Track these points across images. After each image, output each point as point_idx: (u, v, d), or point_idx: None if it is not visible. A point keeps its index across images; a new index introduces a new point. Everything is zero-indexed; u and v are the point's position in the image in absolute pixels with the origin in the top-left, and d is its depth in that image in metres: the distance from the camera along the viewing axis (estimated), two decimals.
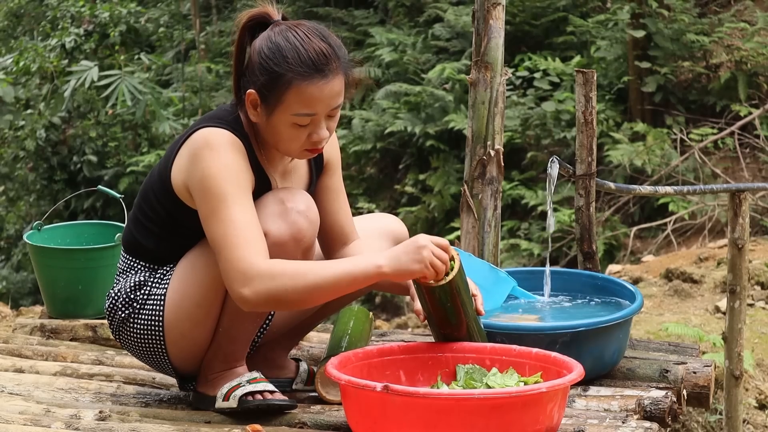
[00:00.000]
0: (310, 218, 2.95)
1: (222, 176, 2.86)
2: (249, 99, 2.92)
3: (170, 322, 3.02)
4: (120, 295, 3.07)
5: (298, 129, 2.91)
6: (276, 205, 2.93)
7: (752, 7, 11.06)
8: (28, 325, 4.05)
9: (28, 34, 14.35)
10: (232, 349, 3.07)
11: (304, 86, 2.86)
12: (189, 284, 2.99)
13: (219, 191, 2.86)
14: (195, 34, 13.64)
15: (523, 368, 2.82)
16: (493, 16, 3.95)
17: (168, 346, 3.05)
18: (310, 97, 2.88)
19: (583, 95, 3.98)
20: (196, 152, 2.90)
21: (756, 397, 5.52)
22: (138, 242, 3.08)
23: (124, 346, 3.15)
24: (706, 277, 7.12)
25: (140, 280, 3.06)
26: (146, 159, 11.77)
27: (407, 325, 7.42)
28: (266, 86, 2.88)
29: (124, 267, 3.13)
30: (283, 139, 2.94)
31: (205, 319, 3.01)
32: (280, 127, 2.92)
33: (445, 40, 11.98)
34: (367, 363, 2.85)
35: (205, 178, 2.87)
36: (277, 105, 2.89)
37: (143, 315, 3.04)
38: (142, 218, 3.07)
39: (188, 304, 3.00)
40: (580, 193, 4.00)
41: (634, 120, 10.40)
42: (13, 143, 12.04)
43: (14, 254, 12.22)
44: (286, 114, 2.89)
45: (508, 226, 10.00)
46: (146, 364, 3.20)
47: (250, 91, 2.91)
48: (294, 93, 2.87)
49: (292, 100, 2.87)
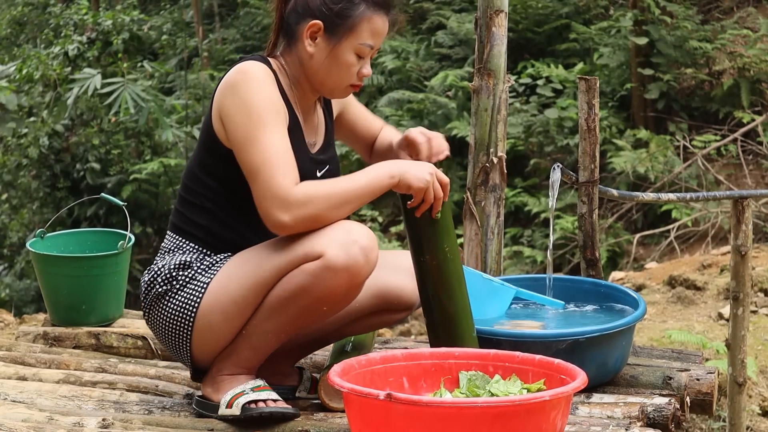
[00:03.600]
0: (369, 258, 2.94)
1: (260, 101, 2.96)
2: (310, 30, 3.05)
3: (203, 311, 3.02)
4: (162, 271, 3.08)
5: (356, 61, 3.07)
6: (341, 232, 2.93)
7: (755, 14, 11.06)
8: (31, 332, 4.04)
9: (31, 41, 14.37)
10: (247, 355, 3.07)
11: (375, 17, 3.05)
12: (233, 280, 3.00)
13: (257, 116, 2.95)
14: (198, 41, 13.65)
15: (526, 375, 2.81)
16: (495, 24, 3.96)
17: (194, 334, 3.05)
18: (375, 29, 3.06)
19: (585, 102, 3.98)
20: (232, 82, 3.00)
21: (759, 404, 5.52)
22: (189, 221, 3.10)
23: (149, 322, 3.14)
24: (709, 284, 7.12)
25: (187, 261, 3.07)
26: (149, 166, 11.77)
27: (410, 333, 7.42)
28: (339, 14, 3.03)
29: (170, 246, 3.13)
30: (337, 71, 3.07)
31: (236, 317, 3.02)
32: (344, 56, 3.05)
33: (447, 47, 11.99)
34: (370, 370, 2.84)
35: (244, 104, 2.96)
36: (347, 33, 3.03)
37: (180, 296, 3.04)
38: (191, 197, 3.11)
39: (226, 299, 3.00)
40: (583, 200, 3.99)
41: (637, 127, 10.40)
42: (16, 151, 12.04)
43: (17, 262, 12.22)
44: (354, 42, 3.05)
45: (511, 234, 10.00)
46: (164, 346, 3.19)
47: (315, 21, 3.04)
48: (366, 22, 3.04)
49: (363, 28, 3.04)
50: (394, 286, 3.19)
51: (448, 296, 3.05)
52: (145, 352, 3.88)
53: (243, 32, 14.42)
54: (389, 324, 3.38)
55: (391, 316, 3.28)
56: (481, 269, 3.96)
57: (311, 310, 2.98)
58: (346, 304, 3.03)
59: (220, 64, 14.01)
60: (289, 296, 2.94)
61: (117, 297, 4.12)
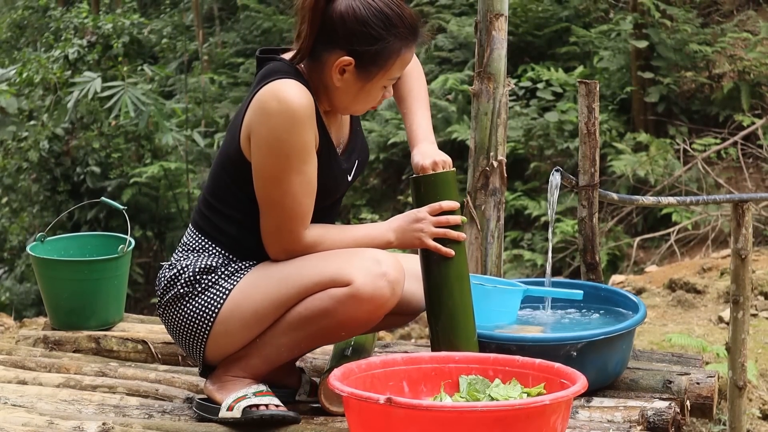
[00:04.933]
0: (395, 291, 2.95)
1: (293, 143, 2.89)
2: (339, 65, 2.92)
3: (223, 317, 3.02)
4: (186, 271, 3.07)
5: (381, 93, 3.01)
6: (371, 262, 2.94)
7: (755, 17, 11.06)
8: (32, 336, 4.04)
9: (31, 45, 14.36)
10: (257, 363, 3.08)
11: (405, 51, 2.95)
12: (256, 290, 3.00)
13: (286, 158, 2.90)
14: (198, 45, 13.65)
15: (526, 379, 2.81)
16: (495, 27, 3.95)
17: (210, 336, 3.05)
18: (405, 61, 2.98)
19: (585, 106, 3.98)
20: (268, 109, 2.89)
21: (760, 408, 5.51)
22: (216, 227, 3.08)
23: (165, 319, 3.14)
24: (709, 287, 7.11)
25: (211, 265, 3.06)
26: (149, 170, 11.78)
27: (410, 336, 7.41)
28: (372, 55, 2.90)
29: (195, 246, 3.10)
30: (364, 101, 3.02)
31: (254, 327, 3.02)
32: (374, 91, 2.98)
33: (447, 50, 11.99)
34: (370, 374, 2.84)
35: (275, 140, 2.89)
36: (380, 71, 2.94)
37: (201, 299, 3.04)
38: (221, 206, 3.07)
39: (246, 308, 3.01)
40: (583, 204, 3.99)
41: (637, 130, 10.40)
42: (16, 154, 12.04)
43: (17, 266, 12.22)
44: (385, 79, 2.97)
45: (511, 237, 10.00)
46: (177, 343, 3.19)
47: (345, 58, 2.91)
48: (399, 58, 2.95)
49: (395, 65, 2.96)
50: (405, 291, 3.18)
51: (450, 296, 3.04)
52: (146, 356, 3.88)
53: (243, 36, 14.42)
54: (394, 326, 3.38)
55: (397, 319, 3.28)
56: (482, 273, 3.96)
57: (329, 333, 3.00)
58: (364, 330, 3.06)
59: (220, 67, 14.01)
60: (311, 316, 2.96)
61: (117, 301, 4.12)
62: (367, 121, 11.61)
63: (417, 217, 3.03)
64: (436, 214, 3.04)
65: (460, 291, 3.06)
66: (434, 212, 3.03)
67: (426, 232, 3.01)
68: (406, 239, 3.04)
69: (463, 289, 3.07)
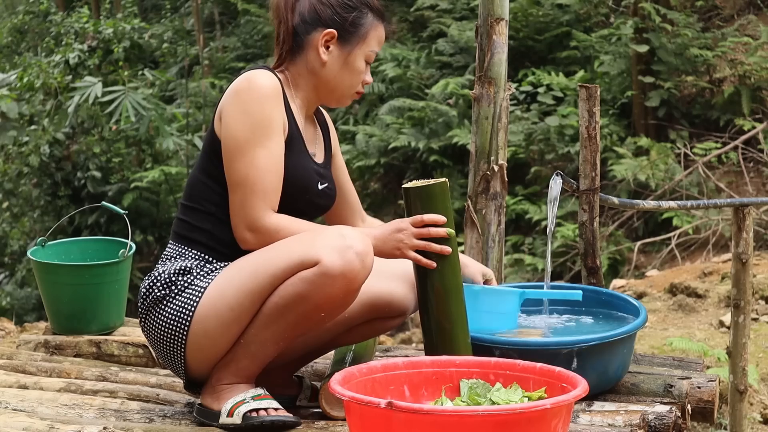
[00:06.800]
0: (365, 262, 2.93)
1: (259, 115, 3.03)
2: (323, 39, 3.15)
3: (199, 317, 3.01)
4: (162, 276, 3.08)
5: (364, 68, 3.20)
6: (336, 239, 2.93)
7: (755, 21, 11.07)
8: (32, 341, 4.05)
9: (32, 50, 14.39)
10: (246, 364, 3.06)
11: (379, 26, 3.22)
12: (230, 286, 3.00)
13: (253, 130, 3.02)
14: (199, 49, 13.66)
15: (527, 383, 2.81)
16: (496, 32, 3.96)
17: (189, 339, 3.04)
18: (380, 37, 3.23)
19: (586, 110, 3.98)
20: (237, 88, 3.06)
21: (760, 412, 5.51)
22: (192, 227, 3.12)
23: (145, 327, 3.13)
24: (710, 291, 7.12)
25: (187, 266, 3.08)
26: (150, 175, 11.79)
27: (411, 341, 7.42)
28: (352, 23, 3.16)
29: (172, 254, 3.14)
30: (349, 78, 3.19)
31: (232, 324, 3.01)
32: (356, 62, 3.18)
33: (448, 55, 12.00)
34: (371, 379, 2.84)
35: (243, 113, 3.03)
36: (360, 41, 3.17)
37: (177, 300, 3.04)
38: (194, 203, 3.13)
39: (222, 305, 3.00)
40: (584, 208, 3.99)
41: (638, 135, 10.41)
42: (17, 159, 12.06)
43: (18, 270, 12.23)
44: (365, 49, 3.19)
45: (512, 241, 10.01)
46: (158, 357, 3.18)
47: (328, 31, 3.14)
48: (374, 30, 3.20)
49: (372, 36, 3.20)
50: (384, 294, 3.19)
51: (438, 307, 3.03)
52: (146, 360, 3.88)
53: (244, 40, 14.44)
54: (385, 331, 3.38)
55: (385, 323, 3.29)
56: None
57: (309, 317, 2.98)
58: (343, 309, 3.03)
59: (220, 72, 14.03)
60: (287, 304, 2.94)
61: (118, 305, 4.12)
62: (368, 126, 11.62)
63: (399, 227, 3.04)
64: (419, 227, 3.03)
65: (448, 303, 3.03)
66: (417, 224, 3.02)
67: (406, 243, 3.02)
68: (386, 248, 3.04)
69: (451, 301, 3.04)
